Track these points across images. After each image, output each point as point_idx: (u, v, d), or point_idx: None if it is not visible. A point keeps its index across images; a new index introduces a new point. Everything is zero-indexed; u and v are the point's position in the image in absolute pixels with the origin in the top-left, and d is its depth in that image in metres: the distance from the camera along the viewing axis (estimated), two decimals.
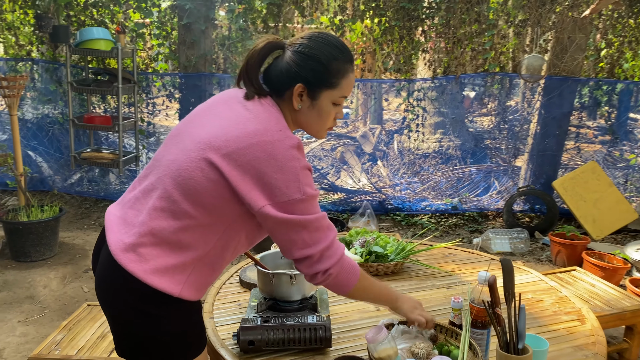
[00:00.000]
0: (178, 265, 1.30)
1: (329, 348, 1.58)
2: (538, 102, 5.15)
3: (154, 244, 1.30)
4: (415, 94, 5.21)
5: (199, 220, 1.30)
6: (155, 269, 1.29)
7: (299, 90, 1.34)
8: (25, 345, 2.91)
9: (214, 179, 1.27)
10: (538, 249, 4.55)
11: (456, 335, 1.50)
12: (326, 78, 1.34)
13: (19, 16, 5.45)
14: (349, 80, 1.38)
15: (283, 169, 1.25)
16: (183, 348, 1.38)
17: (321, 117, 1.39)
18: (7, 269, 3.85)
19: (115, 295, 1.34)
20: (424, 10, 5.04)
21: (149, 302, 1.31)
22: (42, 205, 4.11)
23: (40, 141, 5.47)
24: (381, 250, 2.18)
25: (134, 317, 1.33)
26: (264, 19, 5.11)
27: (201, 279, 1.36)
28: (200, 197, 1.28)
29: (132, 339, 1.36)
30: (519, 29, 5.09)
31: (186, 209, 1.29)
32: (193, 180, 1.27)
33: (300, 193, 1.26)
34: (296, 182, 1.26)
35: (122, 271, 1.30)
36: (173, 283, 1.30)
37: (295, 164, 1.26)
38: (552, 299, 1.97)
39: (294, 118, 1.39)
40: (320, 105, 1.36)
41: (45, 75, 5.43)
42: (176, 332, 1.34)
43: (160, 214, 1.30)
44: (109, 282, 1.35)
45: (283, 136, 1.28)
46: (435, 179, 5.57)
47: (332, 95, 1.36)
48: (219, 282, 2.08)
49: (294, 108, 1.36)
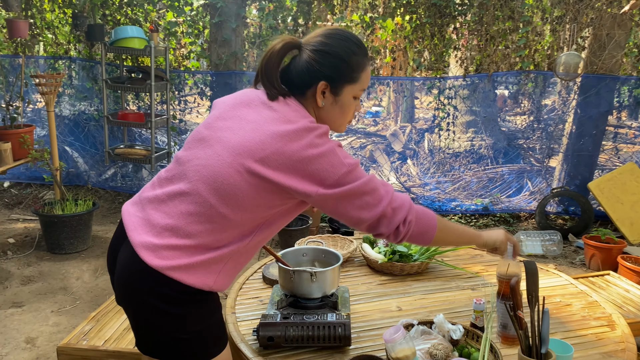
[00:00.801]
0: (213, 260, 1.32)
1: (348, 347, 1.58)
2: (574, 101, 5.01)
3: (190, 246, 1.31)
4: (446, 92, 5.14)
5: (238, 221, 1.32)
6: (189, 266, 1.30)
7: (322, 87, 1.35)
8: (57, 335, 3.00)
9: (255, 183, 1.28)
10: (571, 252, 4.43)
11: (477, 337, 1.47)
12: (348, 73, 1.36)
13: (57, 15, 5.61)
14: (367, 74, 1.41)
15: (322, 154, 1.28)
16: (205, 346, 1.38)
17: (344, 112, 1.42)
18: (43, 261, 3.98)
19: (141, 296, 1.34)
20: (456, 7, 4.96)
21: (175, 302, 1.32)
22: (76, 200, 4.23)
23: (76, 137, 5.63)
24: (405, 249, 2.16)
25: (158, 317, 1.33)
26: (294, 17, 5.13)
27: (236, 267, 1.40)
28: (240, 200, 1.29)
29: (154, 338, 1.37)
30: (555, 26, 4.96)
31: (224, 213, 1.30)
32: (233, 186, 1.28)
33: (344, 166, 1.29)
34: (337, 158, 1.29)
35: (149, 271, 1.30)
36: (207, 275, 1.32)
37: (330, 145, 1.30)
38: (581, 304, 1.91)
39: (317, 115, 1.41)
40: (342, 100, 1.39)
41: (82, 73, 5.58)
42: (199, 330, 1.35)
43: (195, 219, 1.31)
44: (134, 282, 1.34)
45: (313, 127, 1.31)
46: (466, 179, 5.48)
47: (354, 89, 1.39)
48: (242, 277, 2.10)
49: (318, 105, 1.38)
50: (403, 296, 1.96)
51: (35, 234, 4.42)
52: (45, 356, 2.80)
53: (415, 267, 2.14)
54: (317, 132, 1.30)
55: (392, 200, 1.33)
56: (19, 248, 4.18)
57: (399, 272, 2.14)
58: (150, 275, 1.30)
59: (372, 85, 5.33)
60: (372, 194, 1.31)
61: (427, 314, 1.80)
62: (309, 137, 1.28)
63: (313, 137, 1.29)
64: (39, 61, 5.60)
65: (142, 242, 1.32)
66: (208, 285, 1.33)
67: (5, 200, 5.37)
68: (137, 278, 1.33)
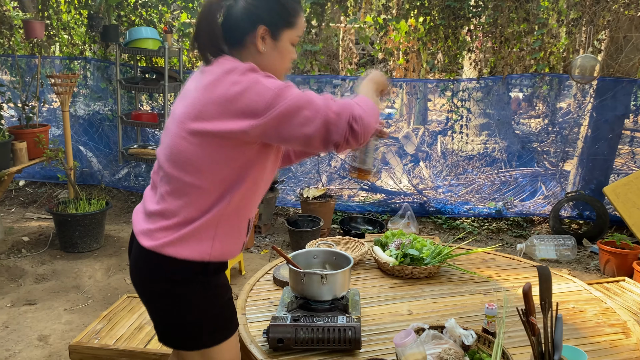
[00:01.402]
0: (202, 226, 1.37)
1: (358, 350, 1.57)
2: (590, 104, 4.94)
3: (175, 224, 1.37)
4: (459, 95, 5.11)
5: (207, 186, 1.35)
6: (180, 238, 1.36)
7: (262, 32, 1.37)
8: (70, 333, 3.02)
9: (199, 142, 1.32)
10: (586, 257, 4.37)
11: (489, 342, 1.45)
12: (286, 17, 1.39)
13: (73, 16, 5.67)
14: (303, 20, 1.45)
15: (246, 88, 1.28)
16: (213, 330, 1.43)
17: (283, 57, 1.43)
18: (56, 259, 4.02)
19: (147, 282, 1.43)
20: (470, 8, 4.92)
21: (178, 283, 1.38)
22: (90, 199, 4.26)
23: (90, 137, 5.68)
24: (417, 253, 2.14)
25: (165, 301, 1.40)
26: (308, 18, 5.13)
27: (231, 231, 1.42)
28: (196, 164, 1.34)
29: (164, 322, 1.45)
30: (570, 28, 4.91)
31: (190, 182, 1.35)
32: (184, 153, 1.35)
33: (271, 91, 1.28)
34: (262, 86, 1.28)
35: (149, 255, 1.38)
36: (202, 242, 1.37)
37: (253, 77, 1.29)
38: (595, 310, 1.88)
39: (258, 63, 1.38)
40: (282, 46, 1.41)
41: (97, 73, 5.63)
42: (206, 313, 1.41)
43: (173, 196, 1.38)
44: (140, 270, 1.44)
45: (232, 67, 1.32)
46: (479, 182, 5.43)
47: (291, 34, 1.41)
48: (253, 279, 2.10)
49: (259, 51, 1.39)
50: (414, 300, 1.94)
51: (49, 232, 4.46)
52: (58, 354, 2.82)
53: (426, 271, 2.12)
54: (237, 70, 1.31)
55: (331, 106, 1.30)
56: (33, 246, 4.23)
57: (410, 275, 2.12)
58: (151, 259, 1.38)
59: None
60: (309, 107, 1.28)
61: (438, 318, 1.78)
62: (230, 77, 1.30)
63: (235, 76, 1.30)
64: (54, 61, 5.66)
65: (140, 230, 1.43)
66: (206, 252, 1.37)
67: (20, 199, 5.43)
68: (141, 266, 1.43)
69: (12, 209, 5.18)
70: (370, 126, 1.33)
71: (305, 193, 4.72)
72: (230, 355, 1.49)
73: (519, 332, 1.64)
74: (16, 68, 5.25)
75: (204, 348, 1.44)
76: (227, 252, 1.44)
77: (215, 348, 1.45)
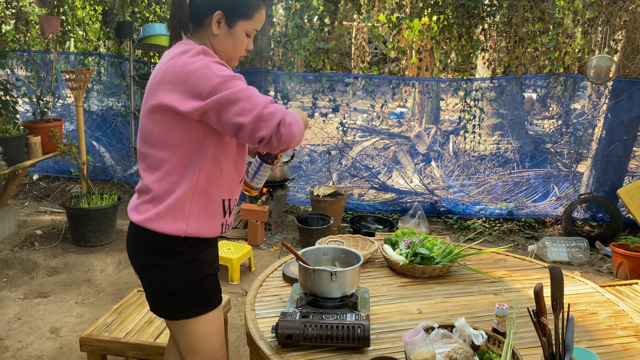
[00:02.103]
0: (176, 204, 1.51)
1: (367, 348, 1.56)
2: (605, 105, 4.89)
3: (152, 198, 1.53)
4: (473, 94, 5.07)
5: (173, 159, 1.50)
6: (158, 214, 1.51)
7: (217, 16, 1.50)
8: (81, 326, 3.05)
9: (157, 118, 1.47)
10: (598, 260, 4.32)
11: (499, 342, 1.44)
12: (243, 9, 1.51)
13: (88, 12, 5.72)
14: (262, 16, 1.56)
15: (196, 69, 1.40)
16: (191, 301, 1.57)
17: (236, 45, 1.56)
18: (68, 253, 4.06)
19: (136, 253, 1.61)
20: (484, 7, 4.89)
21: (160, 254, 1.54)
22: (102, 194, 4.30)
23: (103, 132, 5.73)
24: (427, 252, 2.13)
25: (151, 270, 1.57)
26: (321, 16, 5.12)
27: (203, 210, 1.55)
28: (161, 138, 1.49)
29: (150, 292, 1.62)
30: (586, 28, 4.85)
31: (157, 156, 1.51)
32: (150, 130, 1.51)
33: (218, 77, 1.39)
34: (210, 72, 1.40)
35: (138, 229, 1.56)
36: (178, 220, 1.51)
37: (203, 61, 1.42)
38: (607, 312, 1.86)
39: (212, 44, 1.55)
40: (236, 33, 1.54)
41: (111, 69, 5.68)
42: (186, 284, 1.55)
43: (146, 172, 1.55)
44: (130, 242, 1.63)
45: (186, 49, 1.45)
46: (490, 183, 5.40)
47: (247, 26, 1.54)
48: (263, 275, 2.10)
49: (213, 33, 1.52)
50: (424, 299, 1.94)
51: (61, 226, 4.51)
52: (69, 346, 2.85)
53: (436, 270, 2.11)
54: (190, 53, 1.44)
55: (268, 106, 1.40)
56: (45, 239, 4.27)
57: (420, 274, 2.11)
58: (138, 232, 1.56)
59: (397, 86, 5.29)
60: (248, 100, 1.39)
61: (448, 318, 1.77)
62: (182, 58, 1.43)
63: (186, 57, 1.43)
64: (69, 57, 5.71)
65: (130, 207, 1.62)
66: (181, 229, 1.51)
67: (33, 193, 5.49)
68: (131, 239, 1.62)
69: (26, 203, 5.24)
70: (295, 136, 1.42)
71: (316, 191, 4.72)
72: (208, 330, 1.62)
73: (529, 333, 1.63)
74: (32, 63, 5.30)
75: (183, 319, 1.58)
76: (204, 231, 1.56)
77: (193, 320, 1.59)
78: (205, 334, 1.63)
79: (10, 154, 3.78)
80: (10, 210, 4.34)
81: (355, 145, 6.24)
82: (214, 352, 1.67)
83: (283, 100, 5.13)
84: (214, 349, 1.67)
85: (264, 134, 1.39)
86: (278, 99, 5.14)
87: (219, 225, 1.62)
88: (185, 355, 1.66)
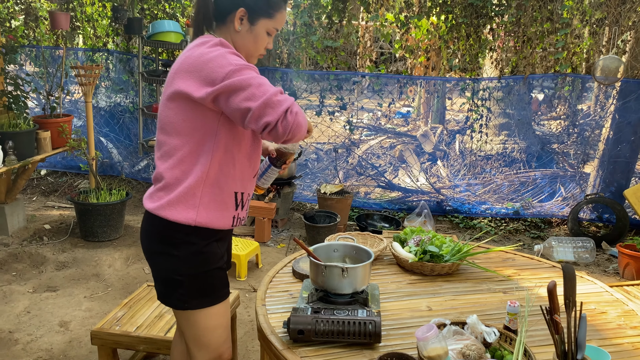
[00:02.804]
0: (188, 192, 1.54)
1: (378, 344, 1.57)
2: (612, 106, 4.88)
3: (165, 185, 1.57)
4: (480, 94, 5.07)
5: (186, 147, 1.53)
6: (170, 202, 1.55)
7: (240, 13, 1.54)
8: (90, 320, 3.07)
9: (174, 106, 1.52)
10: (604, 260, 4.32)
11: (510, 340, 1.45)
12: (265, 8, 1.55)
13: (97, 9, 5.74)
14: (283, 15, 1.60)
15: (212, 59, 1.45)
16: (197, 293, 1.59)
17: (257, 42, 1.59)
18: (77, 247, 4.08)
19: (147, 239, 1.65)
20: (493, 7, 4.88)
21: (170, 242, 1.57)
22: (110, 189, 4.32)
23: (111, 128, 5.75)
24: (436, 250, 2.14)
25: (159, 258, 1.61)
26: (329, 14, 5.13)
27: (214, 201, 1.58)
28: (176, 126, 1.53)
29: (158, 280, 1.65)
30: (594, 29, 4.84)
31: (172, 144, 1.54)
32: (166, 117, 1.55)
33: (232, 65, 1.43)
34: (225, 60, 1.44)
35: (151, 217, 1.59)
36: (188, 209, 1.54)
37: (220, 51, 1.46)
38: (617, 312, 1.87)
39: (234, 40, 1.58)
40: (257, 31, 1.57)
41: (119, 65, 5.70)
42: (190, 275, 1.58)
43: (160, 160, 1.59)
44: (143, 229, 1.66)
45: (205, 41, 1.50)
46: (497, 182, 5.40)
47: (268, 24, 1.57)
48: (273, 271, 2.11)
49: (235, 29, 1.56)
50: (433, 296, 1.95)
51: (69, 221, 4.53)
52: (78, 340, 2.87)
53: (445, 268, 2.12)
54: (208, 44, 1.49)
55: (277, 94, 1.42)
56: (54, 234, 4.30)
57: (429, 272, 2.12)
58: (151, 219, 1.60)
59: (403, 85, 5.30)
60: (259, 87, 1.42)
61: (458, 315, 1.78)
62: (200, 49, 1.48)
63: (204, 48, 1.48)
64: (77, 53, 5.74)
65: (145, 195, 1.64)
66: (192, 218, 1.55)
67: (41, 188, 5.52)
68: (144, 225, 1.65)
69: (34, 198, 5.27)
70: (301, 126, 1.45)
71: (323, 189, 4.73)
72: (213, 323, 1.65)
73: (540, 332, 1.64)
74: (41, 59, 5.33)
75: (188, 309, 1.62)
76: (214, 221, 1.59)
77: (198, 312, 1.62)
78: (210, 327, 1.65)
79: (20, 148, 3.81)
80: (20, 204, 4.37)
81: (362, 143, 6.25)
82: (218, 345, 1.70)
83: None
84: (218, 341, 1.69)
85: (270, 120, 1.40)
86: None
87: (230, 218, 1.64)
88: (191, 345, 1.69)
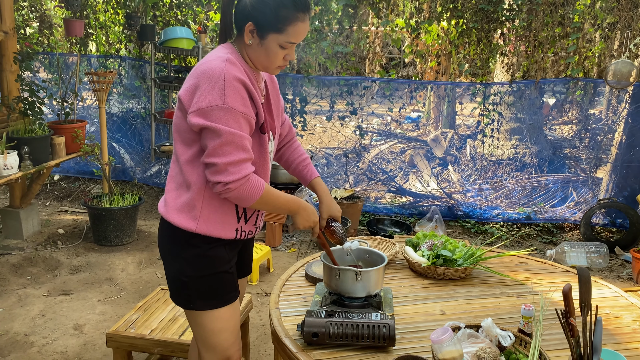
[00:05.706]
0: (189, 202, 1.59)
1: (392, 347, 1.58)
2: (625, 111, 4.85)
3: (173, 189, 1.63)
4: (491, 98, 5.06)
5: (186, 154, 1.57)
6: (175, 208, 1.60)
7: (249, 27, 1.54)
8: (104, 323, 3.10)
9: (181, 115, 1.55)
10: (618, 266, 4.29)
11: (525, 343, 1.45)
12: (273, 23, 1.51)
13: (110, 16, 5.81)
14: (297, 29, 1.54)
15: (211, 78, 1.46)
16: (202, 295, 1.63)
17: (269, 55, 1.57)
18: (90, 252, 4.12)
19: (160, 241, 1.71)
20: (504, 12, 4.88)
21: (176, 242, 1.62)
22: (123, 194, 4.36)
23: (124, 134, 5.81)
24: (449, 254, 2.14)
25: (168, 257, 1.67)
26: (339, 20, 5.15)
27: (214, 212, 1.60)
28: (180, 132, 1.57)
29: (169, 280, 1.70)
30: (606, 33, 4.82)
31: (179, 150, 1.59)
32: (175, 126, 1.59)
33: (221, 101, 1.45)
34: (220, 90, 1.45)
35: (162, 220, 1.66)
36: (189, 219, 1.59)
37: (223, 75, 1.46)
38: (632, 317, 1.86)
39: (247, 52, 1.59)
40: (267, 45, 1.55)
41: (131, 71, 5.76)
42: (195, 276, 1.61)
43: (172, 164, 1.65)
44: (158, 231, 1.73)
45: (216, 56, 1.52)
46: (508, 187, 5.38)
47: (279, 38, 1.54)
48: (286, 274, 2.12)
49: (246, 43, 1.56)
50: (446, 300, 1.95)
51: (83, 225, 4.58)
52: (92, 343, 2.90)
53: (458, 272, 2.12)
54: (219, 59, 1.50)
55: (232, 164, 1.47)
56: (68, 238, 4.35)
57: (442, 276, 2.13)
58: (163, 223, 1.67)
59: (414, 90, 5.30)
60: (224, 146, 1.46)
61: (472, 319, 1.78)
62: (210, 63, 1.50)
63: (214, 62, 1.49)
64: (90, 60, 5.80)
65: (162, 199, 1.69)
66: (191, 227, 1.58)
67: (54, 193, 5.58)
68: (159, 229, 1.72)
69: (47, 202, 5.33)
70: (232, 198, 1.53)
71: (333, 194, 4.74)
72: (219, 326, 1.67)
73: (554, 335, 1.64)
74: (56, 65, 5.40)
75: (194, 310, 1.65)
76: (214, 232, 1.61)
77: (204, 313, 1.65)
78: (216, 329, 1.67)
79: (35, 154, 3.86)
80: (34, 209, 4.43)
81: (372, 148, 6.25)
82: (225, 349, 1.70)
83: (301, 103, 5.16)
84: (225, 344, 1.69)
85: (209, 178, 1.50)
86: (296, 102, 5.18)
87: (232, 230, 1.65)
88: (199, 346, 1.72)
